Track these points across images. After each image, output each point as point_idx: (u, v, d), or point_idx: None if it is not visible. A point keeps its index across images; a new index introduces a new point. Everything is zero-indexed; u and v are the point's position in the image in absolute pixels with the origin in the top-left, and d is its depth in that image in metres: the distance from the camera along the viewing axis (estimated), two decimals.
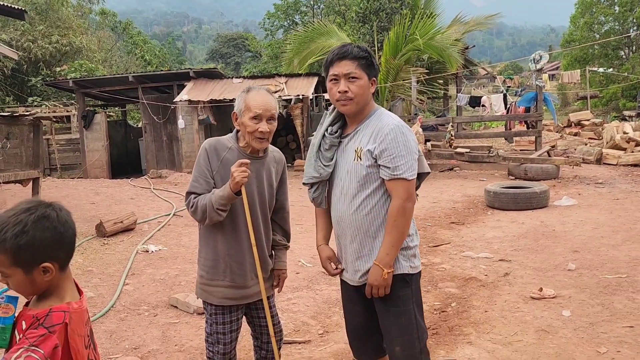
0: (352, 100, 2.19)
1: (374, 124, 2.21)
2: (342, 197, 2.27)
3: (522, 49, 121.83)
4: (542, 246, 5.72)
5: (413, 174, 2.17)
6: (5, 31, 21.80)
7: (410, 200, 2.16)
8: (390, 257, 2.16)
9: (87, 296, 4.52)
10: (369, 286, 2.20)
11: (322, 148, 2.32)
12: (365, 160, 2.18)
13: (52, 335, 1.40)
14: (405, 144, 2.15)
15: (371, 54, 2.24)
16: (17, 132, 5.65)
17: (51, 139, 15.79)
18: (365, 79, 2.20)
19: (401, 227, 2.15)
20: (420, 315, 2.29)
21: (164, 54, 37.35)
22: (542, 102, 12.95)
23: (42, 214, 1.45)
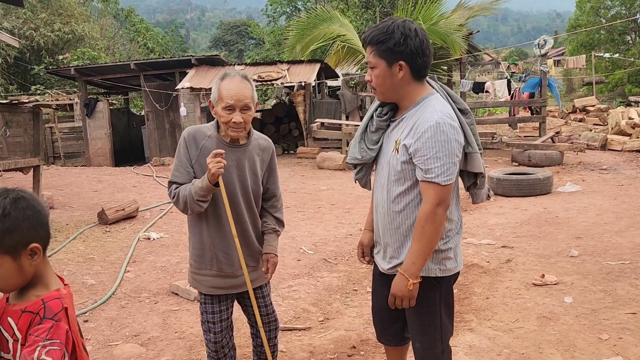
0: (376, 90, 2.07)
1: (418, 114, 2.01)
2: (380, 187, 2.16)
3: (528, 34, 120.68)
4: (545, 233, 5.69)
5: (448, 179, 1.94)
6: (7, 19, 21.71)
7: (442, 206, 1.96)
8: (416, 267, 1.99)
9: (88, 284, 4.55)
10: (392, 296, 2.06)
11: (369, 129, 2.18)
12: (402, 155, 2.02)
13: (59, 323, 1.39)
14: (444, 144, 1.92)
15: (392, 35, 1.96)
16: (17, 120, 5.63)
17: (54, 127, 15.78)
18: (383, 66, 2.00)
19: (430, 234, 1.96)
20: (448, 316, 2.18)
21: (167, 41, 37.18)
22: (547, 88, 12.85)
23: (16, 196, 1.43)
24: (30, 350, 1.34)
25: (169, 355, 3.33)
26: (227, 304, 2.54)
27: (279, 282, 4.59)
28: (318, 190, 8.86)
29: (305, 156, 12.85)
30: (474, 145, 2.09)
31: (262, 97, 24.60)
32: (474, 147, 2.08)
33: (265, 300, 2.61)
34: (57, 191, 8.81)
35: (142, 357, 3.33)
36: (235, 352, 2.76)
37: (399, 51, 1.97)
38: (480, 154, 2.13)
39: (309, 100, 13.68)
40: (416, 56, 1.99)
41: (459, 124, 2.00)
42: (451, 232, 2.11)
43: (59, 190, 8.93)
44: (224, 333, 2.54)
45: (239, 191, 2.42)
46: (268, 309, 2.63)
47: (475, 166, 2.11)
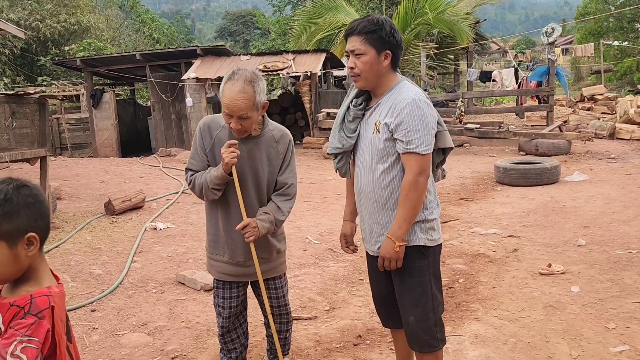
0: (360, 76, 2.20)
1: (394, 97, 2.20)
2: (362, 169, 2.29)
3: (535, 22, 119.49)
4: (552, 222, 5.66)
5: (427, 148, 2.15)
6: (14, 11, 21.71)
7: (423, 175, 2.15)
8: (402, 231, 2.16)
9: (95, 273, 4.58)
10: (381, 258, 2.22)
11: (346, 119, 2.34)
12: (383, 134, 2.19)
13: (42, 321, 1.36)
14: (422, 118, 2.13)
15: (383, 26, 2.17)
16: (23, 111, 5.64)
17: (61, 118, 15.83)
18: (372, 53, 2.17)
19: (413, 201, 2.14)
20: (438, 288, 2.30)
21: (173, 32, 37.12)
22: (554, 77, 12.72)
23: (20, 184, 1.42)
24: (7, 343, 1.31)
25: (175, 344, 3.35)
26: (238, 292, 2.58)
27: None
28: (324, 180, 8.85)
29: (311, 146, 12.84)
30: (443, 123, 2.29)
31: (268, 87, 24.44)
32: (443, 126, 2.28)
33: (277, 292, 2.62)
34: (64, 182, 8.85)
35: (149, 346, 3.35)
36: (247, 339, 2.78)
37: (388, 41, 2.17)
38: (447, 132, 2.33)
39: (315, 90, 13.63)
40: (398, 48, 2.22)
41: (428, 99, 2.23)
42: (432, 203, 2.28)
43: (66, 181, 8.97)
44: (232, 319, 2.60)
45: (250, 182, 2.45)
46: (279, 301, 2.64)
47: (447, 142, 2.31)
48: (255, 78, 2.31)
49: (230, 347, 2.70)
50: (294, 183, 2.56)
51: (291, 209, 2.58)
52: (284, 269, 2.70)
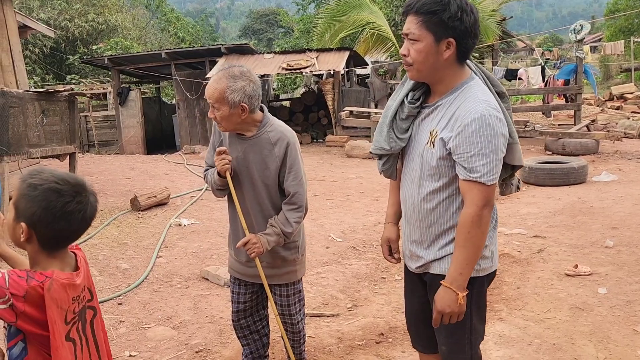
0: (412, 66, 1.80)
1: (457, 103, 1.79)
2: (409, 181, 1.95)
3: (563, 20, 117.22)
4: (579, 222, 5.56)
5: (494, 178, 1.75)
6: (44, 10, 22.22)
7: (488, 207, 1.77)
8: (464, 278, 1.79)
9: (121, 268, 4.67)
10: (439, 314, 1.83)
11: (398, 117, 1.93)
12: (438, 150, 1.81)
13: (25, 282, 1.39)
14: (490, 139, 1.71)
15: (448, 6, 1.71)
16: (53, 109, 5.78)
17: (89, 116, 16.16)
18: (429, 40, 1.74)
19: (476, 239, 1.77)
20: (479, 318, 1.98)
21: (197, 30, 37.44)
22: (583, 75, 12.47)
23: (58, 189, 1.47)
24: None
25: (199, 339, 3.40)
26: (247, 290, 2.63)
27: (307, 269, 4.61)
28: (347, 179, 8.85)
29: (334, 144, 12.84)
30: (515, 135, 1.89)
31: (291, 85, 24.62)
32: (514, 138, 1.88)
33: (281, 300, 2.57)
34: (92, 178, 9.03)
35: (174, 340, 3.41)
36: (265, 339, 2.78)
37: (452, 26, 1.73)
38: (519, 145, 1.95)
39: (338, 88, 13.63)
40: (468, 36, 1.76)
41: (503, 114, 1.79)
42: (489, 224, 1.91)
43: (93, 177, 9.15)
44: (241, 314, 2.66)
45: (246, 184, 2.45)
46: (284, 309, 2.59)
47: (517, 158, 1.91)
48: (239, 76, 2.29)
49: (243, 342, 2.75)
50: (299, 191, 2.40)
51: (300, 218, 2.42)
52: (292, 279, 2.57)
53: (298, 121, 15.75)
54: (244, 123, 2.38)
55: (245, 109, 2.31)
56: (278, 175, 2.41)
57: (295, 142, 2.42)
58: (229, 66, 2.37)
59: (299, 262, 2.58)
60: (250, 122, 2.40)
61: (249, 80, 2.32)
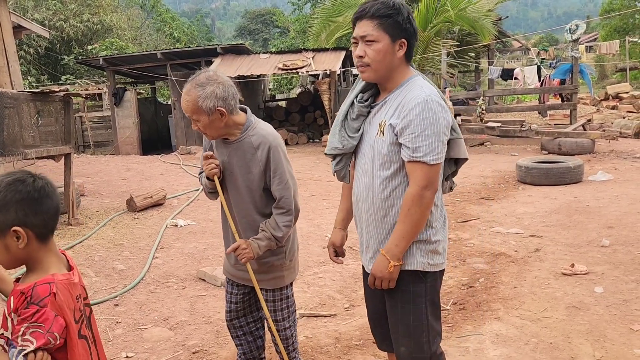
0: (369, 66, 1.91)
1: (403, 94, 1.92)
2: (362, 175, 2.02)
3: (559, 20, 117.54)
4: (575, 222, 5.57)
5: (436, 157, 1.85)
6: (38, 11, 22.15)
7: (430, 189, 1.87)
8: (399, 249, 1.90)
9: (117, 269, 4.65)
10: (372, 276, 1.98)
11: (349, 117, 2.06)
12: (388, 136, 1.91)
13: (44, 308, 1.40)
14: (432, 121, 1.83)
15: (400, 11, 1.88)
16: (48, 109, 5.74)
17: (84, 117, 16.11)
18: (386, 41, 1.88)
19: (416, 217, 1.87)
20: (435, 316, 2.02)
21: (193, 31, 37.38)
22: (578, 74, 12.51)
23: (18, 178, 1.46)
24: (18, 328, 1.39)
25: (196, 339, 3.39)
26: (238, 290, 2.62)
27: (304, 269, 4.62)
28: None
29: None
30: (458, 130, 2.01)
31: (287, 85, 24.61)
32: (458, 133, 2.00)
33: (268, 305, 2.54)
34: (87, 179, 9.00)
35: (170, 341, 3.39)
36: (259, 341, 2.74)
37: (405, 28, 1.90)
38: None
39: (334, 88, 13.63)
40: (414, 37, 1.95)
41: (443, 101, 1.92)
42: (438, 221, 1.99)
43: (89, 178, 9.12)
44: (233, 314, 2.66)
45: (232, 188, 2.44)
46: (271, 314, 2.56)
47: (461, 152, 2.04)
48: (206, 82, 2.24)
49: (236, 342, 2.73)
50: (285, 195, 2.34)
51: (290, 222, 2.37)
52: (278, 284, 2.52)
53: (294, 121, 15.75)
54: (227, 127, 2.33)
55: (224, 113, 2.27)
56: (264, 180, 2.36)
57: (277, 146, 2.35)
58: (195, 75, 2.31)
59: (286, 268, 2.53)
60: (233, 126, 2.35)
61: (216, 82, 2.26)
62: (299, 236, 5.48)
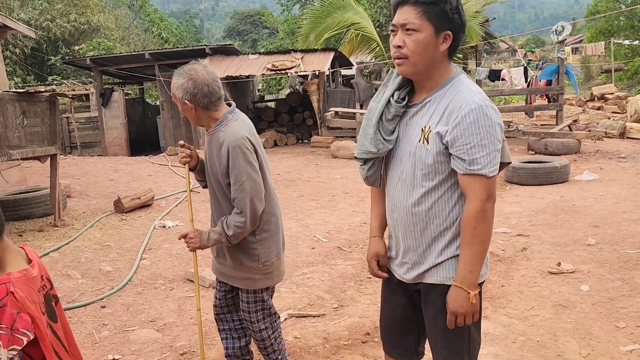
0: (407, 59, 1.71)
1: (449, 97, 1.72)
2: (399, 183, 1.84)
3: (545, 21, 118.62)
4: (562, 221, 5.63)
5: (495, 169, 1.69)
6: (24, 11, 21.90)
7: (491, 201, 1.71)
8: (474, 276, 1.72)
9: (104, 270, 4.61)
10: (452, 315, 1.75)
11: (385, 117, 1.83)
12: (433, 145, 1.72)
13: (4, 308, 1.41)
14: (489, 129, 1.65)
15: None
16: (34, 110, 5.68)
17: (71, 117, 15.95)
18: (429, 32, 1.67)
19: (483, 235, 1.71)
20: (476, 327, 1.89)
21: (181, 31, 37.22)
22: (564, 75, 12.63)
23: None
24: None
25: (184, 341, 3.37)
26: (220, 286, 2.66)
27: (293, 269, 4.61)
28: (332, 179, 8.85)
29: (319, 145, 12.84)
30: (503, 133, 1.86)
31: (276, 86, 24.57)
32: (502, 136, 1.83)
33: (243, 305, 2.55)
34: (74, 180, 8.91)
35: (158, 342, 3.37)
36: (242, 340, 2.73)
37: (452, 18, 1.69)
38: None
39: (323, 89, 13.63)
40: (461, 30, 1.73)
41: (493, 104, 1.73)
42: None
43: (76, 179, 9.03)
44: (218, 309, 2.70)
45: (207, 177, 2.52)
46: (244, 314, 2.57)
47: (505, 156, 1.83)
48: (182, 73, 2.35)
49: (222, 335, 2.75)
50: (238, 197, 2.31)
51: (241, 224, 2.32)
52: (250, 286, 2.49)
53: (283, 122, 15.73)
54: (200, 119, 2.43)
55: (191, 107, 2.36)
56: (227, 177, 2.36)
57: (237, 146, 2.30)
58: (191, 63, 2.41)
59: (258, 272, 2.47)
60: (207, 119, 2.42)
61: (188, 77, 2.32)
62: (288, 236, 5.49)
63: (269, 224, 2.46)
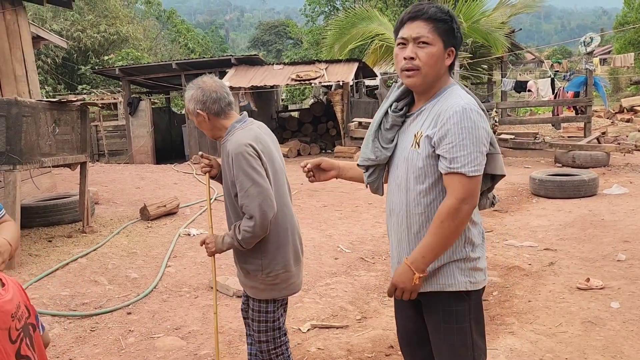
0: (419, 71, 1.80)
1: (440, 103, 1.83)
2: (396, 188, 1.94)
3: (572, 32, 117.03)
4: (590, 236, 5.51)
5: (475, 169, 1.75)
6: (56, 21, 22.55)
7: (469, 203, 1.76)
8: (425, 262, 1.81)
9: (131, 277, 4.67)
10: (393, 286, 1.88)
11: (383, 127, 1.96)
12: (424, 149, 1.82)
13: None
14: (471, 131, 1.74)
15: (454, 18, 1.83)
16: (65, 118, 5.83)
17: (99, 126, 16.30)
18: (440, 46, 1.79)
19: (448, 231, 1.76)
20: (479, 333, 1.93)
21: (207, 42, 37.87)
22: (592, 87, 12.44)
23: None
24: None
25: (208, 349, 3.39)
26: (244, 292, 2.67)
27: (316, 279, 4.62)
28: (355, 190, 8.83)
29: (342, 155, 12.85)
30: (496, 145, 1.91)
31: (299, 96, 24.72)
32: (495, 147, 1.90)
33: (249, 311, 2.59)
34: (102, 187, 9.08)
35: (182, 350, 3.40)
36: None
37: (456, 36, 1.83)
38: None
39: (347, 99, 13.67)
40: (459, 47, 1.91)
41: (482, 110, 1.83)
42: (477, 237, 1.90)
43: (103, 187, 9.20)
44: (243, 313, 2.71)
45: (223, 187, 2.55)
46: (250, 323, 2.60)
47: (498, 167, 1.91)
48: (191, 86, 2.47)
49: (248, 340, 2.75)
50: (244, 203, 2.31)
51: (250, 228, 2.31)
52: (254, 295, 2.52)
53: (307, 132, 15.80)
54: (216, 129, 2.48)
55: (203, 115, 2.42)
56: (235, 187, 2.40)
57: (238, 154, 2.33)
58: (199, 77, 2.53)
59: (263, 282, 2.47)
60: (221, 128, 2.47)
61: (197, 87, 2.43)
62: (311, 246, 5.51)
63: (276, 236, 2.44)
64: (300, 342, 3.45)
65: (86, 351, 3.41)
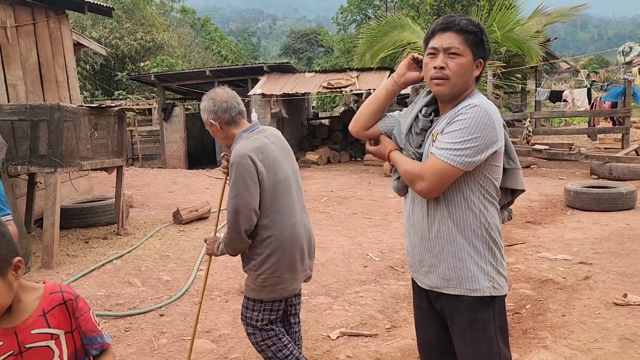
0: (448, 80, 1.82)
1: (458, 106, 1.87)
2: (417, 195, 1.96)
3: (609, 41, 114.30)
4: (628, 250, 5.36)
5: (454, 160, 1.75)
6: (95, 29, 23.22)
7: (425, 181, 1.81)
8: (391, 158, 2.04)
9: (163, 279, 4.76)
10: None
11: (414, 131, 1.96)
12: None
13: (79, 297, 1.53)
14: (474, 124, 1.75)
15: (483, 31, 1.85)
16: (103, 123, 6.00)
17: (134, 131, 16.69)
18: (469, 57, 1.82)
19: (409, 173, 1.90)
20: (504, 342, 1.90)
21: (240, 49, 38.36)
22: (631, 97, 12.12)
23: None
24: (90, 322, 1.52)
25: (238, 353, 3.43)
26: None
27: (345, 287, 4.62)
28: (385, 198, 8.81)
29: (372, 164, 12.82)
30: (516, 160, 1.94)
31: (330, 103, 24.80)
32: (516, 163, 1.93)
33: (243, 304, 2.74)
34: (136, 191, 9.29)
35: (213, 353, 3.45)
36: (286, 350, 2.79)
37: (485, 48, 1.87)
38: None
39: None
40: (488, 58, 1.93)
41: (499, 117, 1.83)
42: (497, 242, 1.89)
43: (137, 190, 9.41)
44: None
45: None
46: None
47: (519, 183, 1.95)
48: (204, 98, 2.59)
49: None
50: (228, 209, 2.46)
51: (230, 234, 2.48)
52: (245, 291, 2.68)
53: (337, 139, 15.84)
54: (229, 138, 2.60)
55: (215, 125, 2.56)
56: None
57: (234, 164, 2.45)
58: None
59: (253, 282, 2.60)
60: (232, 136, 2.60)
61: (209, 98, 2.58)
62: (340, 253, 5.51)
63: (276, 242, 2.53)
64: (329, 350, 3.46)
65: (120, 350, 3.49)
